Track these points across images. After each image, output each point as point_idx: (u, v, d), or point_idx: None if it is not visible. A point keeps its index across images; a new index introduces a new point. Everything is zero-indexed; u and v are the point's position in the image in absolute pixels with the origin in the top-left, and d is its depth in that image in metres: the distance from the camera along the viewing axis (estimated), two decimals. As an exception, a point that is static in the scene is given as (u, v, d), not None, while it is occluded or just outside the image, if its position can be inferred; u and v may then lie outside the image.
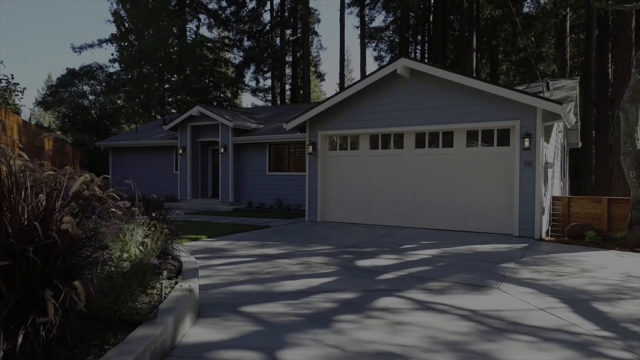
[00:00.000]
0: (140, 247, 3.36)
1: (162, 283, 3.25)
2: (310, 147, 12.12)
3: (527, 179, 9.49)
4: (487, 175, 10.16)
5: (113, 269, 2.96)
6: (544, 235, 9.76)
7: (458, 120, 10.27)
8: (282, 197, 15.98)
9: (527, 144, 9.34)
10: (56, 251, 2.11)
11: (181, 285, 3.46)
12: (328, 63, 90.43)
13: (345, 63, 32.56)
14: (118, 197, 3.36)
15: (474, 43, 24.25)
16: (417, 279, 5.89)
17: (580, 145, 19.34)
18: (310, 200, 12.31)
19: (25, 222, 2.15)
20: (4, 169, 2.64)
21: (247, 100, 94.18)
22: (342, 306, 4.58)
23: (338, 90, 74.70)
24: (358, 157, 11.82)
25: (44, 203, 2.35)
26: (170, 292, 3.30)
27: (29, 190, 2.34)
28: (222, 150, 16.84)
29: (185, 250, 5.67)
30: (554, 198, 11.31)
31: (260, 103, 50.74)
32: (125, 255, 3.13)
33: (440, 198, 10.64)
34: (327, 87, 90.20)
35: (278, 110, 21.29)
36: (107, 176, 6.33)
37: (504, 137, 10.04)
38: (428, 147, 10.88)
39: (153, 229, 3.82)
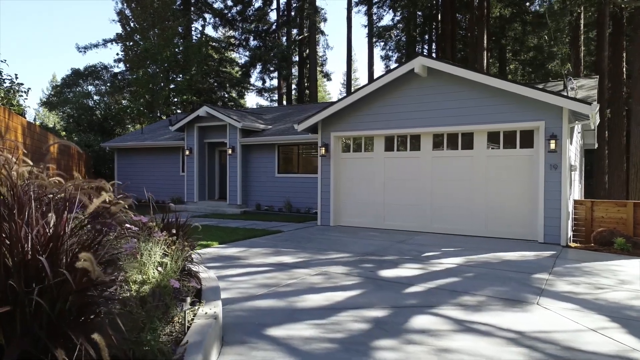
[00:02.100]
0: (159, 268, 2.98)
1: (185, 312, 2.88)
2: (323, 149, 11.74)
3: (552, 182, 9.06)
4: (509, 178, 9.74)
5: (130, 293, 2.58)
6: (569, 242, 9.34)
7: (478, 121, 9.86)
8: (292, 199, 15.60)
9: (552, 146, 8.92)
10: (67, 289, 1.74)
11: (205, 312, 3.08)
12: (333, 63, 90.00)
13: (352, 62, 32.14)
14: (131, 204, 3.00)
15: (485, 42, 23.79)
16: (448, 292, 5.49)
17: (596, 146, 18.85)
18: (323, 204, 11.92)
19: (30, 254, 1.78)
20: (5, 181, 2.28)
21: (251, 100, 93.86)
22: (375, 327, 4.18)
23: (343, 90, 73.72)
24: (372, 159, 11.43)
25: (51, 227, 1.98)
26: (193, 319, 2.92)
27: (33, 209, 1.96)
28: (229, 151, 16.48)
29: (200, 262, 5.29)
30: (576, 202, 10.87)
31: (265, 103, 50.38)
32: (142, 278, 2.76)
33: (460, 202, 10.23)
34: (332, 88, 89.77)
35: (286, 110, 20.92)
36: (118, 182, 5.96)
37: (527, 139, 9.62)
38: (446, 149, 10.46)
39: (173, 246, 3.44)
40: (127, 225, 2.93)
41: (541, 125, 9.17)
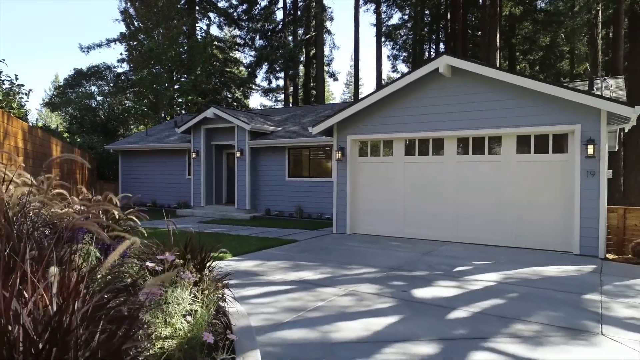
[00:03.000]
0: (188, 317, 2.43)
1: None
2: (339, 153, 11.15)
3: (589, 190, 8.46)
4: (541, 185, 9.13)
5: (154, 352, 2.02)
6: (606, 253, 8.73)
7: (507, 124, 9.26)
8: (303, 204, 15.02)
9: (590, 151, 8.31)
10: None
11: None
12: (336, 63, 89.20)
13: (359, 63, 31.52)
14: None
15: (498, 41, 23.17)
16: (497, 318, 4.91)
17: (617, 148, 18.20)
18: (339, 211, 11.34)
19: (21, 344, 1.22)
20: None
21: (255, 101, 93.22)
22: (430, 369, 3.61)
23: (346, 90, 72.92)
24: (392, 164, 10.84)
25: (54, 293, 1.42)
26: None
27: (27, 261, 1.40)
28: (238, 154, 15.92)
29: (231, 296, 4.71)
30: (607, 209, 10.27)
31: (269, 104, 49.82)
32: (168, 332, 2.20)
33: (487, 210, 9.63)
34: (334, 88, 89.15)
35: (295, 111, 20.34)
36: (128, 194, 5.38)
37: (560, 143, 9.01)
38: (472, 153, 9.87)
39: (200, 284, 2.87)
40: (149, 265, 2.38)
41: (577, 128, 8.57)
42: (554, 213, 9.00)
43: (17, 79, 8.59)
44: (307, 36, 30.64)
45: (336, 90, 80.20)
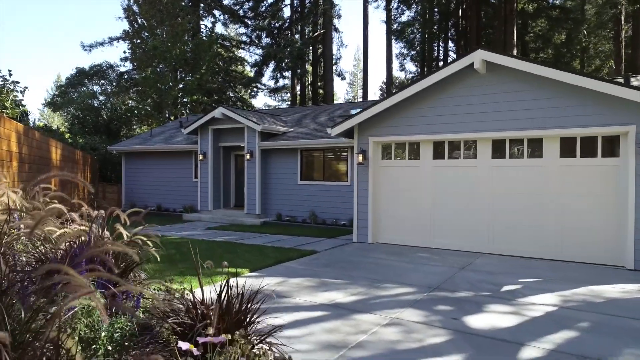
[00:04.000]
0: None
1: None
2: (360, 156, 10.33)
3: (645, 198, 7.62)
4: (587, 192, 8.29)
5: None
6: (662, 268, 7.89)
7: (549, 125, 8.42)
8: (317, 209, 14.21)
9: (647, 155, 7.47)
10: None
11: None
12: (343, 62, 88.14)
13: (368, 61, 30.67)
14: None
15: (515, 38, 22.32)
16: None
17: None
18: (360, 218, 10.52)
19: None
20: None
21: (259, 101, 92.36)
22: None
23: (349, 90, 72.04)
24: (418, 167, 10.01)
25: None
26: None
27: None
28: (247, 156, 15.11)
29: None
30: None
31: (273, 104, 49.02)
32: None
33: (526, 219, 8.79)
34: (338, 88, 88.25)
35: (305, 111, 19.52)
36: (140, 208, 4.56)
37: (611, 146, 8.17)
38: (509, 157, 9.03)
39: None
40: (183, 347, 1.63)
41: (631, 130, 7.72)
42: (602, 223, 8.15)
43: (10, 74, 7.81)
44: (315, 34, 29.80)
45: (339, 90, 79.15)
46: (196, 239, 11.22)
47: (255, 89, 34.11)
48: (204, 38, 29.03)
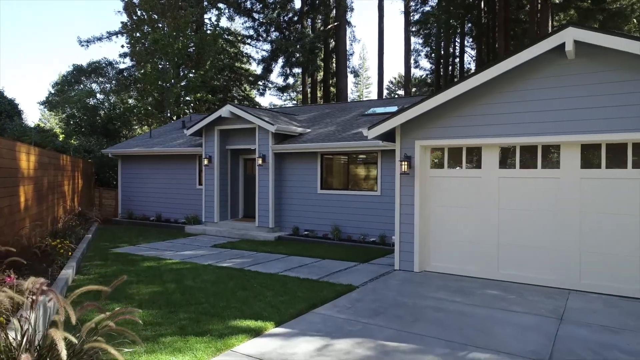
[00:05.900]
0: None
1: None
2: (405, 163, 8.32)
3: None
4: None
5: None
6: None
7: (664, 125, 6.39)
8: (340, 223, 12.22)
9: None
10: None
11: None
12: (355, 58, 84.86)
13: (383, 56, 28.61)
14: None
15: (550, 28, 20.23)
16: None
17: None
18: (403, 240, 8.51)
19: None
20: None
21: (266, 100, 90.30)
22: None
23: (354, 89, 69.63)
24: (479, 178, 7.99)
25: None
26: None
27: None
28: (259, 161, 13.14)
29: None
30: None
31: (279, 102, 47.01)
32: None
33: (633, 244, 6.76)
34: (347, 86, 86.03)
35: (323, 110, 17.50)
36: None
37: None
38: (605, 167, 7.00)
39: None
40: None
41: None
42: None
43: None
44: (328, 27, 27.75)
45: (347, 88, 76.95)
46: (201, 263, 9.26)
47: (263, 87, 32.12)
48: (209, 32, 27.06)
